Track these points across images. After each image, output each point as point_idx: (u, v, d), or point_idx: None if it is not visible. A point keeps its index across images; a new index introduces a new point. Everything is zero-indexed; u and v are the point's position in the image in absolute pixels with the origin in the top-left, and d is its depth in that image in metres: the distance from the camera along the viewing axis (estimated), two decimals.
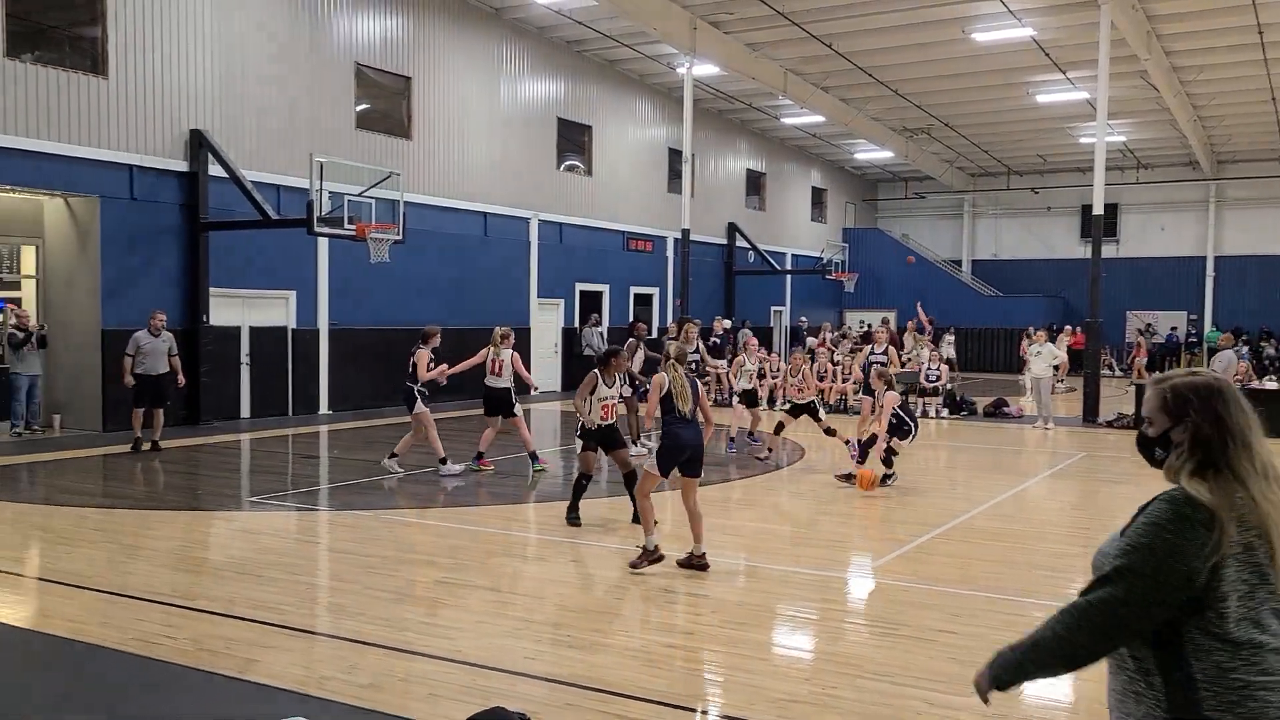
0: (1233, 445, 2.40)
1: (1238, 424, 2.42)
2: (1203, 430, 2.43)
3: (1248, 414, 2.45)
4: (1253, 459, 2.38)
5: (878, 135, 33.50)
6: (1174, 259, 38.66)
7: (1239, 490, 2.35)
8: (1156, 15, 22.02)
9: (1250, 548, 2.33)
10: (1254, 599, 2.33)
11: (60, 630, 6.39)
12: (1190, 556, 2.30)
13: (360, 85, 20.26)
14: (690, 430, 8.19)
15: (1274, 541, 2.32)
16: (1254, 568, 2.32)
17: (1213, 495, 2.35)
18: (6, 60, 14.73)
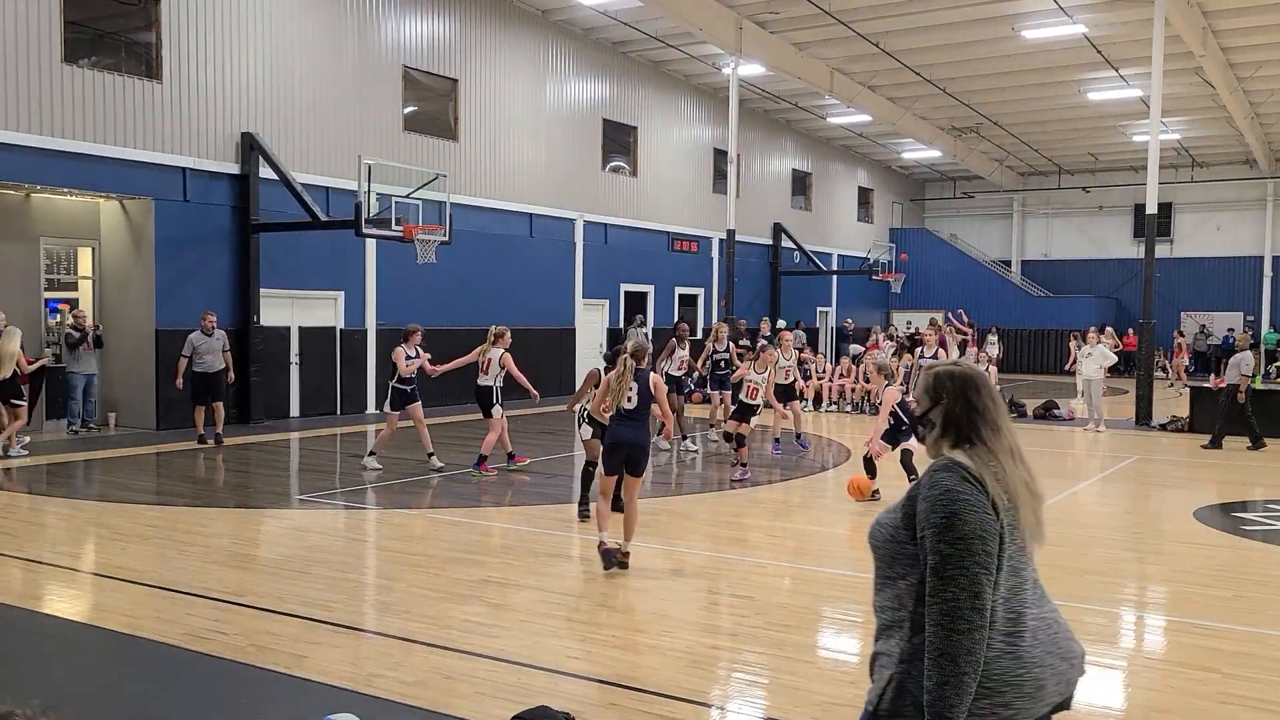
0: (983, 425, 2.72)
1: (986, 408, 2.75)
2: (954, 411, 2.76)
3: (996, 401, 2.78)
4: (999, 438, 2.71)
5: (925, 134, 33.20)
6: (1230, 259, 37.92)
7: (992, 460, 2.68)
8: (1212, 11, 21.60)
9: (1004, 510, 2.62)
10: (1012, 562, 2.62)
11: (114, 624, 6.51)
12: (986, 506, 2.58)
13: (407, 87, 20.44)
14: (628, 429, 8.02)
15: (1019, 504, 2.63)
16: (1007, 528, 2.61)
17: (976, 464, 2.66)
18: (64, 66, 15.04)
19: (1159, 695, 5.53)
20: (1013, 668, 2.56)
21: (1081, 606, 7.24)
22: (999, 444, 2.70)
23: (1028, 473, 2.70)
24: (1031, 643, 2.60)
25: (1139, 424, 19.35)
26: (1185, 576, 8.24)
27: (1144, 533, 9.98)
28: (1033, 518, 2.65)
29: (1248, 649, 6.34)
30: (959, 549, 2.53)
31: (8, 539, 8.92)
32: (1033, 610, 2.64)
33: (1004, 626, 2.57)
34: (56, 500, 11.04)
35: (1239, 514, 10.97)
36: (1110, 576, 8.20)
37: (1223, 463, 14.99)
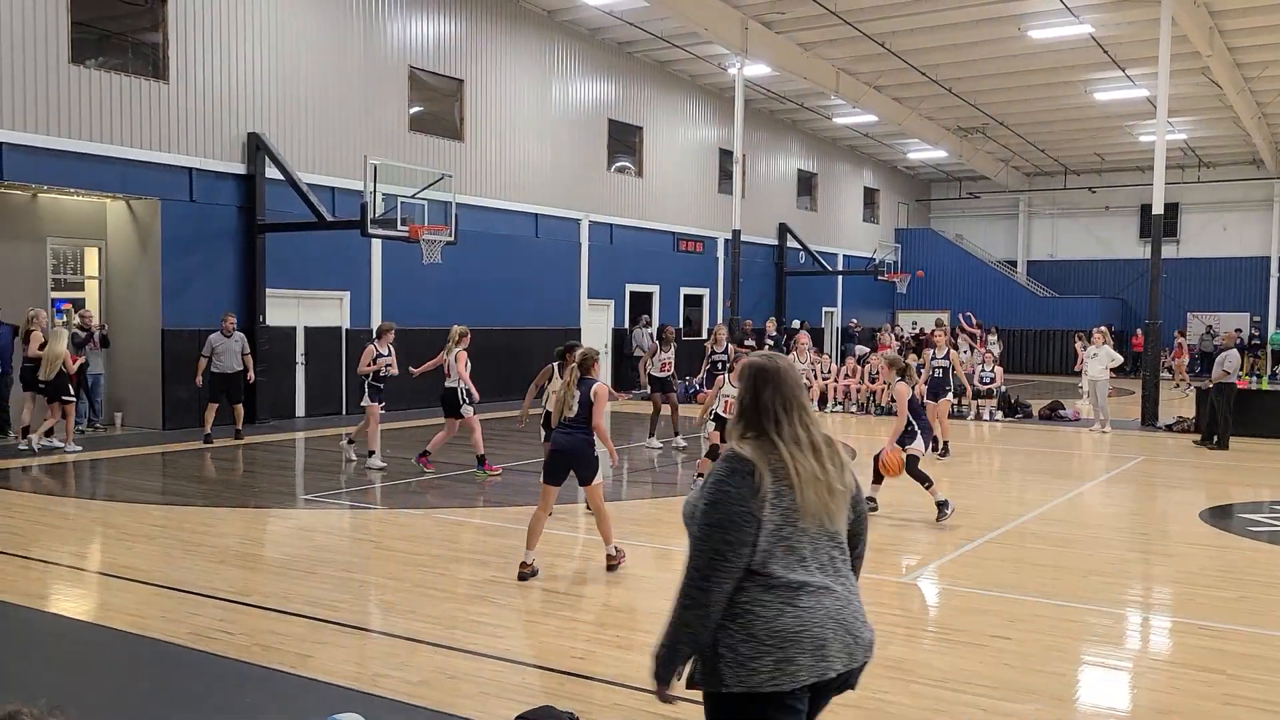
0: (766, 418, 2.97)
1: (773, 400, 2.98)
2: (744, 402, 3.02)
3: (787, 394, 3.00)
4: (781, 429, 2.94)
5: (931, 135, 33.17)
6: (1237, 259, 37.83)
7: (773, 451, 2.91)
8: (1219, 11, 21.55)
9: (780, 495, 2.89)
10: (779, 535, 2.88)
11: (121, 624, 6.53)
12: (746, 499, 2.85)
13: (413, 88, 20.46)
14: (566, 436, 7.84)
15: (801, 490, 2.89)
16: (783, 511, 2.88)
17: (754, 453, 2.91)
18: (71, 66, 15.08)
19: (1164, 696, 5.52)
20: (793, 624, 2.84)
21: (1086, 607, 7.24)
22: (782, 435, 2.94)
23: (818, 464, 2.94)
24: (812, 605, 2.87)
25: (1145, 425, 19.32)
26: (1191, 577, 8.23)
27: (1149, 534, 9.96)
28: (818, 503, 2.91)
29: (1253, 650, 6.33)
30: (705, 533, 2.85)
31: (14, 538, 8.94)
32: (818, 579, 2.91)
33: (783, 592, 2.86)
34: (63, 499, 11.07)
35: (1245, 515, 10.94)
36: (1115, 577, 8.19)
37: (1228, 464, 14.96)
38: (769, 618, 2.83)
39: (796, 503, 2.89)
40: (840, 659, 2.89)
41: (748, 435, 2.98)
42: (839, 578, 2.97)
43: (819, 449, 2.98)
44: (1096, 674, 6.06)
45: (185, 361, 16.57)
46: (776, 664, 2.82)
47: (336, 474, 12.84)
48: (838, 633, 2.89)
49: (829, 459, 2.98)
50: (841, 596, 2.94)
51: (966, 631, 6.59)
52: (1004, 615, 6.95)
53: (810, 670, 2.84)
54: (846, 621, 2.92)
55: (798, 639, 2.84)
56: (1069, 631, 6.70)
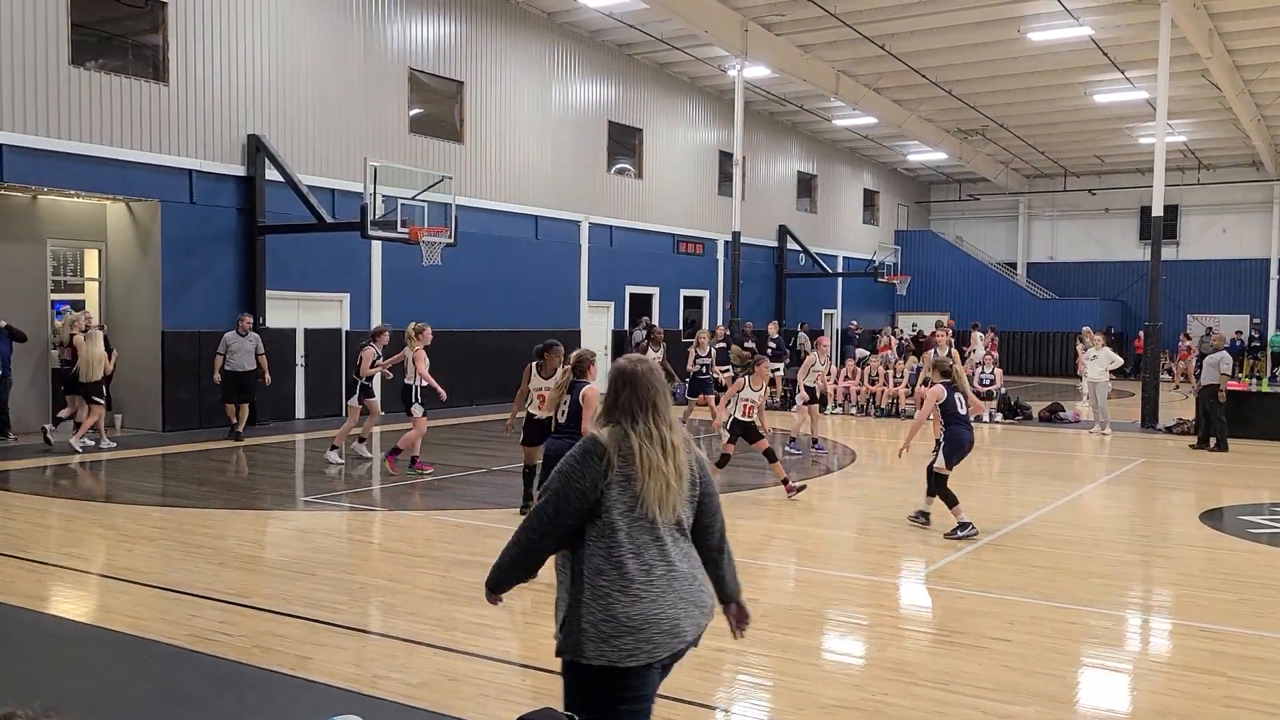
0: (624, 413, 3.38)
1: (629, 400, 3.40)
2: (608, 398, 3.46)
3: (642, 395, 3.40)
4: (635, 425, 3.35)
5: (931, 137, 33.17)
6: (1236, 261, 37.82)
7: (625, 441, 3.32)
8: (1219, 13, 21.56)
9: (630, 479, 3.27)
10: (627, 516, 3.26)
11: (120, 626, 6.52)
12: (585, 477, 3.26)
13: (413, 90, 20.47)
14: (556, 442, 7.86)
15: (645, 480, 3.26)
16: (630, 496, 3.27)
17: (608, 439, 3.33)
18: (71, 68, 15.08)
19: (1164, 699, 5.52)
20: (650, 609, 3.21)
21: (1086, 609, 7.23)
22: (635, 430, 3.35)
23: (663, 459, 3.32)
24: (665, 589, 3.25)
25: (1144, 427, 19.32)
26: (1191, 580, 8.22)
27: (1149, 536, 9.96)
28: (658, 492, 3.28)
29: (1254, 652, 6.33)
30: (549, 498, 3.31)
31: (14, 540, 8.94)
32: (666, 563, 3.28)
33: (640, 578, 3.23)
34: (62, 501, 11.07)
35: (1245, 517, 10.94)
36: (1116, 579, 8.18)
37: (1228, 466, 14.96)
38: (628, 602, 3.20)
39: (639, 490, 3.28)
40: (691, 631, 3.31)
41: (606, 426, 3.42)
42: (685, 559, 3.36)
43: (666, 446, 3.35)
44: (1096, 676, 6.06)
45: (185, 363, 16.58)
46: (636, 643, 3.19)
47: (336, 476, 12.83)
48: (688, 610, 3.30)
49: (673, 456, 3.35)
50: (686, 575, 3.33)
51: (966, 633, 6.59)
52: (1004, 617, 6.95)
53: (665, 647, 3.23)
54: (693, 597, 3.33)
55: (656, 621, 3.21)
56: (1069, 633, 6.70)
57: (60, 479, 12.42)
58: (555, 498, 3.27)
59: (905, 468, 14.51)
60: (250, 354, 15.56)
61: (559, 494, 3.27)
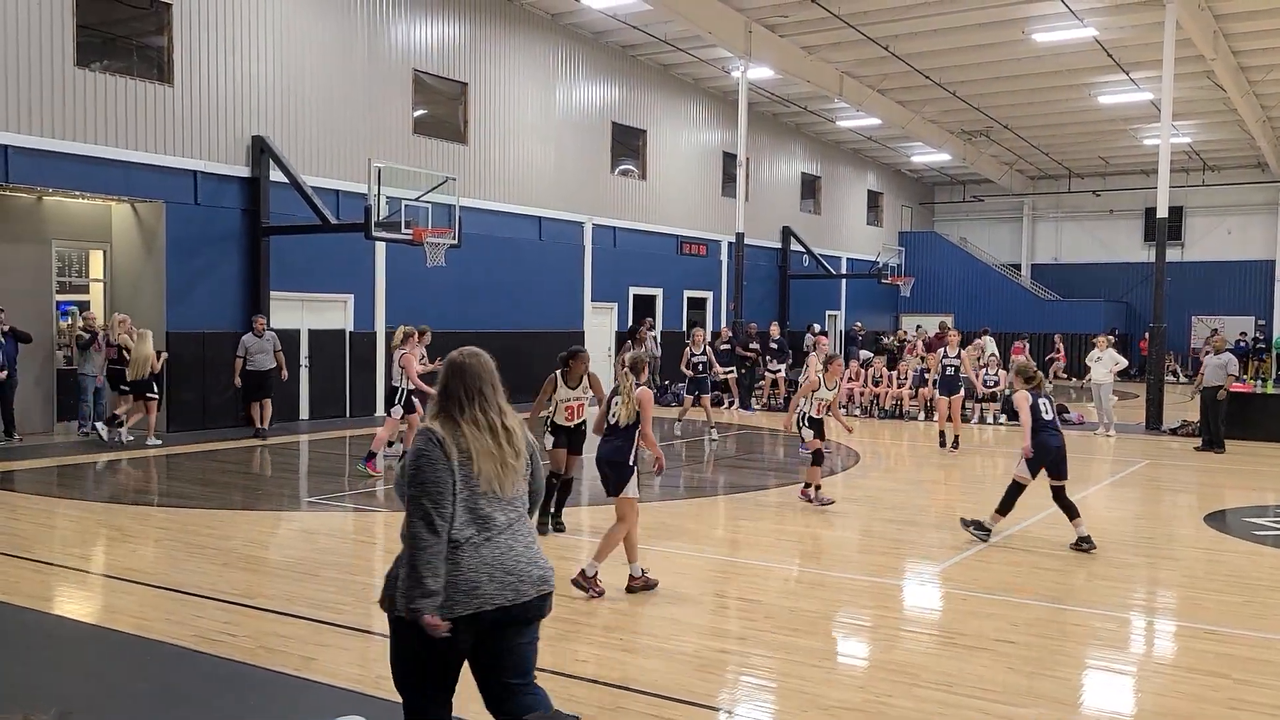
0: (454, 402, 3.69)
1: (459, 389, 3.72)
2: (439, 389, 3.77)
3: (470, 384, 3.72)
4: (464, 413, 3.67)
5: (935, 138, 33.14)
6: (1241, 262, 37.76)
7: (457, 429, 3.64)
8: (1223, 14, 21.53)
9: (462, 464, 3.62)
10: (462, 496, 3.60)
11: (125, 626, 6.53)
12: (438, 466, 3.57)
13: (417, 91, 20.48)
14: (603, 445, 7.53)
15: (478, 462, 3.62)
16: (465, 478, 3.61)
17: (442, 429, 3.64)
18: (76, 69, 15.11)
19: (1169, 701, 5.51)
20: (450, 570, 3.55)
21: (1091, 611, 7.23)
22: (464, 417, 3.66)
23: (494, 442, 3.66)
24: (471, 554, 3.60)
25: (1149, 428, 19.29)
26: (1195, 581, 8.21)
27: (1154, 537, 9.94)
28: (491, 472, 3.63)
29: (1259, 654, 6.32)
30: (417, 491, 3.57)
31: (19, 540, 8.95)
32: (485, 534, 3.62)
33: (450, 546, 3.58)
34: (67, 502, 11.09)
35: (1250, 519, 10.92)
36: (1121, 581, 8.17)
37: (1232, 467, 14.93)
38: (460, 560, 3.56)
39: (473, 471, 3.61)
40: (501, 597, 3.61)
41: (439, 416, 3.72)
42: (508, 531, 3.68)
43: (496, 430, 3.69)
44: (1101, 678, 6.05)
45: (190, 364, 16.60)
46: (466, 599, 3.57)
47: (340, 477, 12.84)
48: (494, 575, 3.60)
49: (505, 440, 3.70)
50: (504, 545, 3.65)
51: (971, 635, 6.58)
52: (1008, 619, 6.94)
53: (464, 605, 3.56)
54: (507, 565, 3.64)
55: (454, 583, 3.56)
56: (1073, 635, 6.69)
57: (67, 479, 12.44)
58: (427, 497, 3.56)
59: (909, 469, 14.52)
60: (269, 353, 16.08)
61: (428, 493, 3.56)
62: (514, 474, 3.71)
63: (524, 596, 3.66)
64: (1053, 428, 9.43)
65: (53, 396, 16.54)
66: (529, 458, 3.81)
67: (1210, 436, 16.53)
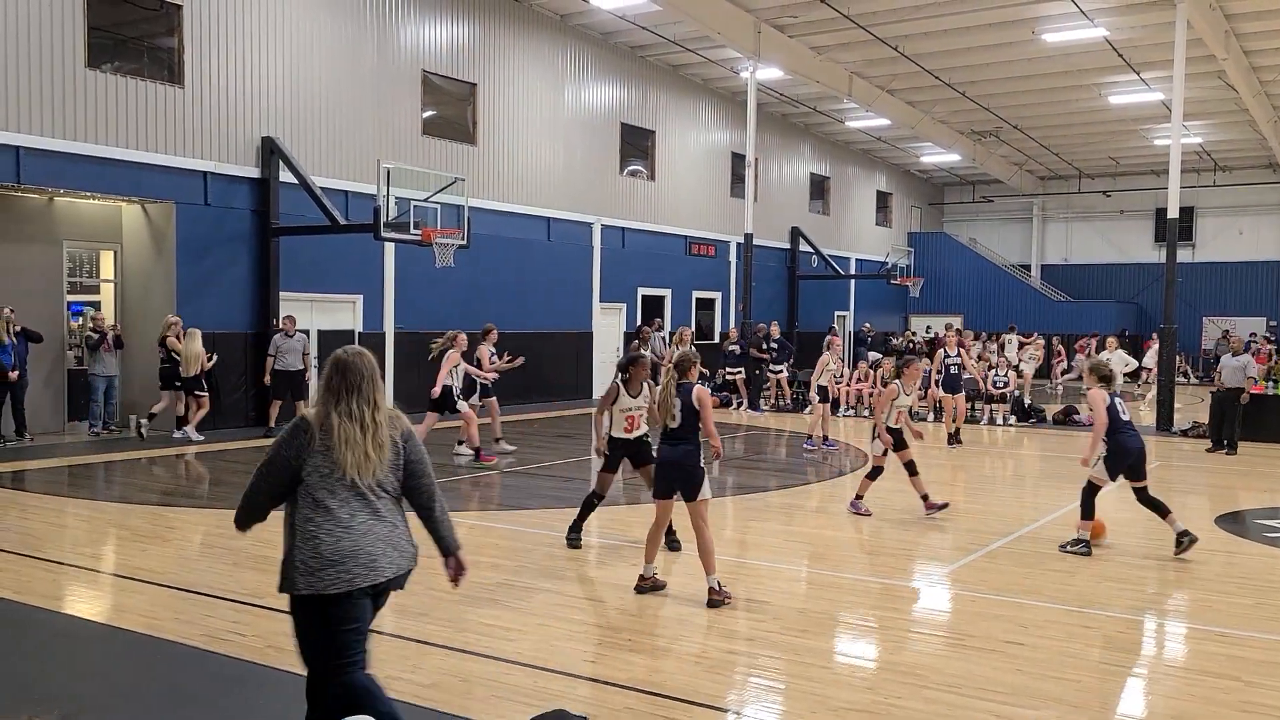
0: (332, 395, 4.11)
1: (339, 384, 4.13)
2: (322, 381, 4.21)
3: (351, 379, 4.13)
4: (339, 405, 4.09)
5: (944, 138, 33.07)
6: (1253, 263, 37.61)
7: (328, 419, 4.06)
8: (1235, 14, 21.44)
9: (329, 449, 4.04)
10: (329, 479, 4.04)
11: (135, 625, 6.55)
12: (291, 448, 4.07)
13: (426, 92, 20.51)
14: (670, 449, 7.34)
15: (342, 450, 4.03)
16: (330, 462, 4.05)
17: (313, 417, 4.09)
18: (87, 70, 15.17)
19: (1181, 703, 5.49)
20: (348, 546, 3.99)
21: (1100, 613, 7.20)
22: (338, 409, 4.08)
23: (361, 433, 4.06)
24: (363, 531, 4.05)
25: (1160, 429, 19.21)
26: (1206, 583, 8.18)
27: (1165, 539, 9.89)
28: (354, 461, 4.03)
29: (1271, 657, 6.29)
30: (263, 465, 4.12)
31: (30, 540, 8.99)
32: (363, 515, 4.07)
33: (338, 523, 4.01)
34: (77, 501, 11.13)
35: (1261, 520, 10.88)
36: (1130, 583, 8.14)
37: (1244, 469, 14.86)
38: (330, 541, 3.98)
39: (336, 459, 4.02)
40: (388, 570, 4.09)
41: (320, 405, 4.13)
42: (379, 516, 4.14)
43: (364, 424, 4.08)
44: (1111, 680, 6.03)
45: None
46: (336, 574, 3.96)
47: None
48: (385, 551, 4.09)
49: (371, 434, 4.08)
50: (384, 525, 4.13)
51: (979, 636, 6.57)
52: (1017, 620, 6.92)
53: (362, 577, 3.99)
54: (390, 543, 4.13)
55: (353, 556, 3.98)
56: (1083, 637, 6.66)
57: (77, 479, 12.48)
58: (269, 463, 4.09)
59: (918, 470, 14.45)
60: (299, 354, 16.38)
61: (272, 460, 4.08)
62: (375, 465, 4.10)
63: (382, 576, 4.09)
64: (1130, 428, 9.16)
65: (64, 396, 16.60)
66: (399, 449, 4.21)
67: (1221, 438, 16.45)
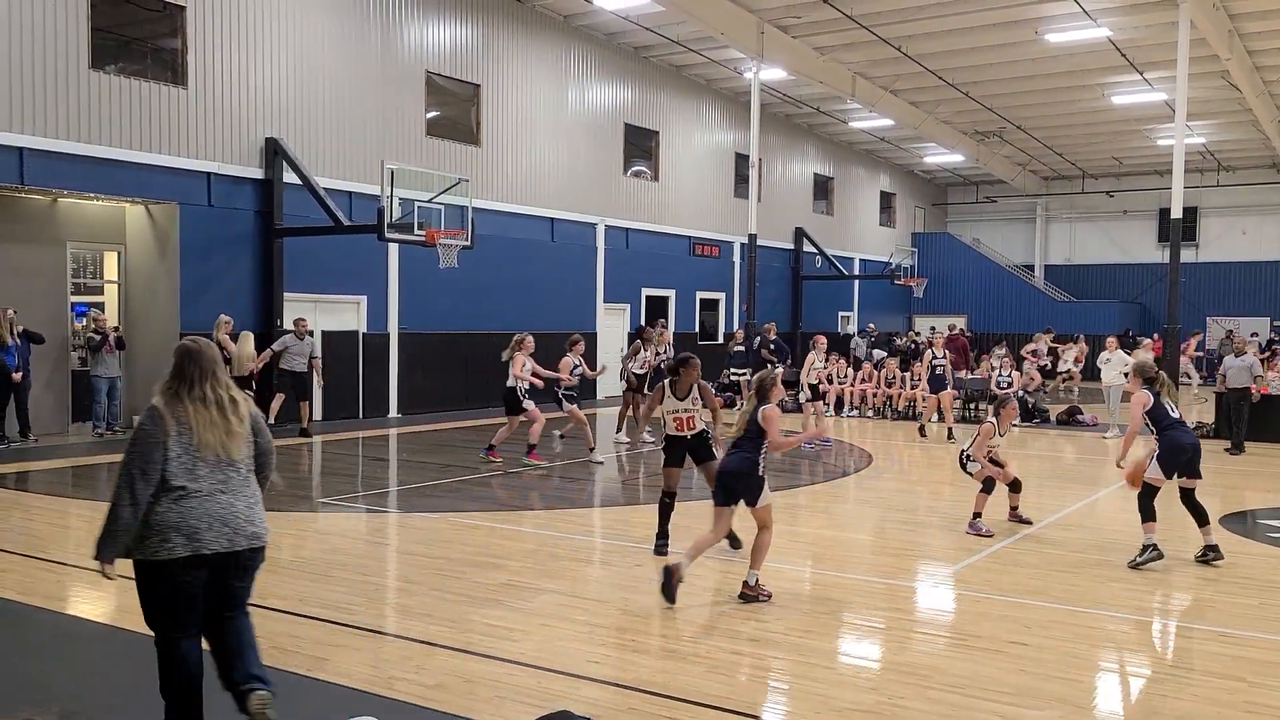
0: (184, 382, 4.46)
1: (193, 371, 4.48)
2: (174, 369, 4.50)
3: (204, 366, 4.50)
4: (192, 391, 4.45)
5: (948, 138, 33.06)
6: (1256, 263, 37.56)
7: (179, 405, 4.42)
8: (1238, 14, 21.43)
9: (181, 434, 4.37)
10: (182, 460, 4.38)
11: (135, 626, 6.51)
12: (155, 434, 4.36)
13: (430, 93, 20.53)
14: (729, 457, 7.58)
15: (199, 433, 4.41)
16: (184, 445, 4.39)
17: (164, 406, 4.42)
18: (91, 71, 15.19)
19: (1184, 704, 5.48)
20: (175, 519, 4.33)
21: (1104, 613, 7.19)
22: (191, 395, 4.44)
23: (219, 415, 4.45)
24: (195, 506, 4.36)
25: None
26: (1210, 584, 8.16)
27: (1168, 539, 9.87)
28: (213, 440, 4.41)
29: (1275, 657, 6.28)
30: (129, 455, 4.34)
31: (33, 541, 9.00)
32: (205, 489, 4.39)
33: (175, 497, 4.35)
34: (81, 503, 11.14)
35: (1264, 520, 10.86)
36: (1134, 583, 8.13)
37: (1248, 469, 14.84)
38: (162, 512, 4.33)
39: (194, 440, 4.38)
40: (218, 543, 4.37)
41: (165, 393, 4.46)
42: (228, 488, 4.46)
43: (223, 405, 4.48)
44: (1114, 681, 6.02)
45: None
46: (161, 542, 4.31)
47: (353, 477, 12.87)
48: (213, 525, 4.37)
49: (231, 411, 4.49)
50: (225, 502, 4.43)
51: (983, 637, 6.56)
52: (1021, 621, 6.92)
53: (185, 547, 4.32)
54: (224, 518, 4.41)
55: (178, 527, 4.32)
56: (1087, 638, 6.66)
57: (81, 480, 12.50)
58: (140, 458, 4.32)
59: (922, 471, 14.49)
60: (306, 357, 16.43)
61: (142, 454, 4.32)
62: (239, 439, 4.49)
63: (237, 546, 4.43)
64: (1182, 425, 8.89)
65: (67, 398, 16.63)
66: (255, 428, 4.60)
67: (1234, 438, 16.36)
